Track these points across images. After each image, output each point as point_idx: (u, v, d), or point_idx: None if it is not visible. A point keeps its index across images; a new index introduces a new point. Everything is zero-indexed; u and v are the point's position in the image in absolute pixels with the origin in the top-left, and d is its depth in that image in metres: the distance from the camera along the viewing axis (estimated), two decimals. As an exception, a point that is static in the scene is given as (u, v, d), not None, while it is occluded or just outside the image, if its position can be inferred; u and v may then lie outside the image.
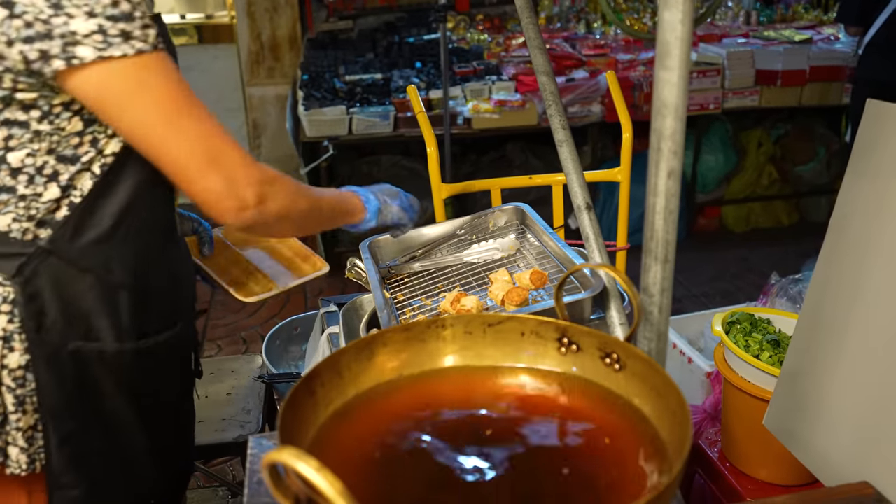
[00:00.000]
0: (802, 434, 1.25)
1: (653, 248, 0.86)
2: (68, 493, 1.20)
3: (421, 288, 1.44)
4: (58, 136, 1.08)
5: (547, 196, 2.35)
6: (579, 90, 4.23)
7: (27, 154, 1.08)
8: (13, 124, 1.06)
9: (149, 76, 1.01)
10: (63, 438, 1.17)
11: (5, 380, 1.13)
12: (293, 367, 2.13)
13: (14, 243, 1.10)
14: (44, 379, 1.13)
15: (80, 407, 1.17)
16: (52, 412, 1.15)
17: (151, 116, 1.02)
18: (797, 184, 4.88)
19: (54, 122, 1.07)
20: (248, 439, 1.15)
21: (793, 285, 2.51)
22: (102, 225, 1.14)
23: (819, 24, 5.27)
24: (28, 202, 1.09)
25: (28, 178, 1.09)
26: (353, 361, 0.90)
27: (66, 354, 1.14)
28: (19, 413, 1.14)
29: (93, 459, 1.21)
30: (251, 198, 1.10)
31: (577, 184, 1.27)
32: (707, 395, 2.45)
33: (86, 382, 1.17)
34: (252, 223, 1.14)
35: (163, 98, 1.03)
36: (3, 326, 1.12)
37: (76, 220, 1.12)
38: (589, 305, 1.19)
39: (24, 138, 1.07)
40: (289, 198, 1.18)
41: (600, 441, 0.82)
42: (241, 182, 1.09)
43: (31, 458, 1.17)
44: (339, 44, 5.36)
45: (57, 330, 1.13)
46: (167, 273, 1.26)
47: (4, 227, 1.10)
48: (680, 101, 0.80)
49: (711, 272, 4.30)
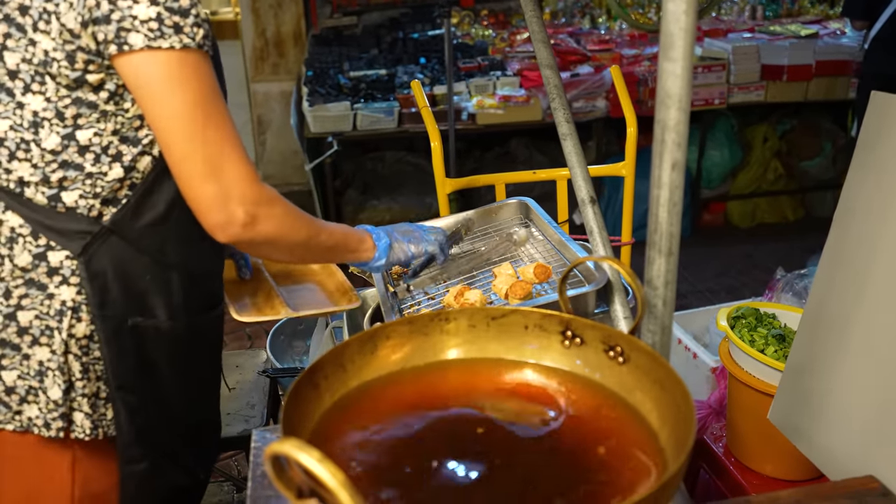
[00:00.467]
0: (807, 428, 1.25)
1: (657, 240, 0.86)
2: (135, 466, 1.24)
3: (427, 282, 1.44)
4: (122, 118, 1.14)
5: (551, 192, 2.35)
6: (584, 85, 4.22)
7: (94, 133, 1.13)
8: (83, 104, 1.11)
9: (184, 72, 1.05)
10: (132, 411, 1.22)
11: (72, 348, 1.19)
12: (297, 361, 2.14)
13: (81, 219, 1.16)
14: (109, 351, 1.19)
15: (142, 381, 1.23)
16: (117, 384, 1.20)
17: (175, 111, 1.05)
18: (803, 179, 4.86)
19: (119, 103, 1.12)
20: (252, 432, 1.15)
21: (798, 280, 2.50)
22: (158, 208, 1.19)
23: (825, 19, 5.25)
24: (94, 180, 1.15)
25: (95, 157, 1.14)
26: (357, 354, 0.90)
27: (126, 329, 1.20)
28: (84, 380, 1.20)
29: (156, 434, 1.26)
30: (241, 216, 1.11)
31: (581, 177, 1.26)
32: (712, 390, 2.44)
33: (145, 357, 1.23)
34: (237, 241, 1.14)
35: (190, 97, 1.05)
36: (73, 297, 1.18)
37: (136, 202, 1.18)
38: (593, 299, 1.19)
39: (92, 118, 1.12)
40: (285, 225, 1.18)
41: (603, 434, 0.82)
42: (235, 198, 1.10)
43: (95, 425, 1.22)
44: (343, 40, 5.35)
45: (118, 306, 1.19)
46: (209, 258, 1.31)
47: (72, 203, 1.15)
48: (684, 92, 0.80)
49: (716, 268, 4.29)
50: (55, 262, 1.16)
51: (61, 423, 1.19)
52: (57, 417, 1.19)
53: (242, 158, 1.11)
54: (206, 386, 1.39)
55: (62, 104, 1.10)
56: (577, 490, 0.74)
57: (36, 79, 1.09)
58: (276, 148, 5.33)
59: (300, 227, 1.22)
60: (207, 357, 1.36)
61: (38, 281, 1.16)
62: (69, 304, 1.17)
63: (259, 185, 1.14)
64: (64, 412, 1.19)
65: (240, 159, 1.11)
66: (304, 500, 0.63)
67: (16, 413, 1.19)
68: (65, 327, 1.17)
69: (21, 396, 1.19)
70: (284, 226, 1.18)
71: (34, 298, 1.17)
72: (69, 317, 1.17)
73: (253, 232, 1.13)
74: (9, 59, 1.09)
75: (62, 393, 1.18)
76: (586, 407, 0.87)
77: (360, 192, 4.54)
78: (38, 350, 1.17)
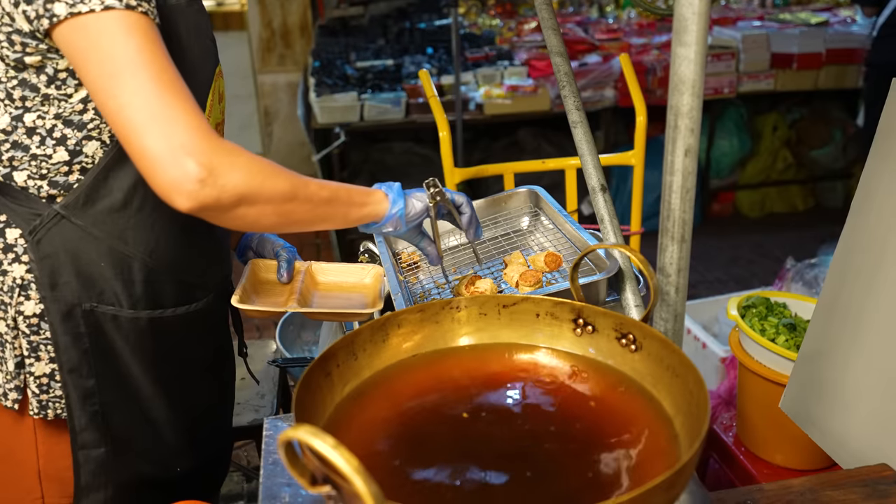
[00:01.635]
0: (819, 417, 1.24)
1: (669, 227, 0.85)
2: (93, 451, 1.23)
3: (436, 270, 1.43)
4: (65, 103, 1.11)
5: (559, 182, 2.34)
6: (592, 75, 4.20)
7: (38, 116, 1.12)
8: (27, 86, 1.10)
9: (108, 30, 0.98)
10: (83, 395, 1.20)
11: (21, 325, 1.19)
12: (307, 352, 2.14)
13: (33, 200, 1.15)
14: (59, 332, 1.18)
15: (99, 366, 1.21)
16: (69, 367, 1.19)
17: (104, 69, 0.98)
18: (813, 168, 4.84)
19: (61, 87, 1.10)
20: (264, 420, 1.15)
21: (808, 270, 2.49)
22: (114, 196, 1.16)
23: (835, 7, 5.21)
24: (39, 162, 1.14)
25: (40, 139, 1.13)
26: (368, 342, 0.90)
27: (80, 312, 1.18)
28: (33, 359, 1.20)
29: (116, 419, 1.24)
30: (193, 169, 0.94)
31: (592, 165, 1.26)
32: (721, 380, 2.44)
33: (101, 342, 1.21)
34: (202, 204, 0.96)
35: (118, 53, 0.98)
36: (22, 275, 1.17)
37: (88, 188, 1.15)
38: (604, 287, 1.18)
39: (36, 101, 1.11)
40: (255, 174, 1.00)
41: (617, 422, 0.81)
42: (183, 149, 0.94)
43: (42, 405, 1.22)
44: (350, 30, 5.34)
45: (71, 289, 1.17)
46: (188, 250, 1.27)
47: (22, 183, 1.15)
48: (697, 77, 0.79)
49: (726, 258, 4.27)
50: (10, 240, 1.17)
51: (17, 395, 1.20)
52: (13, 389, 1.20)
53: (190, 107, 0.97)
54: (186, 381, 1.33)
55: (10, 85, 1.10)
56: (592, 478, 0.73)
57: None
58: (284, 139, 5.33)
59: (277, 176, 1.03)
60: (183, 353, 1.30)
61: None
62: (19, 281, 1.17)
63: (213, 136, 0.98)
64: (18, 385, 1.20)
65: (188, 109, 0.97)
66: (317, 487, 0.63)
67: None
68: (13, 304, 1.18)
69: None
70: (255, 175, 1.00)
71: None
72: (17, 293, 1.17)
73: (216, 188, 0.96)
74: None
75: (14, 367, 1.20)
76: (599, 395, 0.86)
77: (367, 182, 4.51)
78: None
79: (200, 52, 1.21)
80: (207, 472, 1.45)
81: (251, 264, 1.44)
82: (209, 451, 1.42)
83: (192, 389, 1.34)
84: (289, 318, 2.15)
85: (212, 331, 1.37)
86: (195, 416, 1.36)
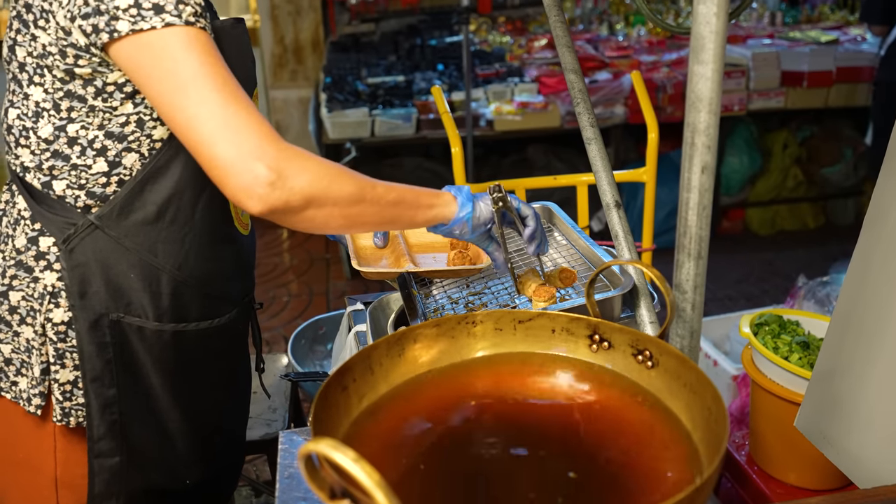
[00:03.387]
0: (835, 435, 1.23)
1: (686, 243, 0.86)
2: (108, 460, 1.24)
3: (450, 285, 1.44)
4: (109, 114, 1.14)
5: (569, 198, 2.34)
6: (602, 91, 4.21)
7: (82, 126, 1.14)
8: (74, 97, 1.12)
9: (170, 46, 1.01)
10: (104, 404, 1.22)
11: (48, 332, 1.21)
12: (319, 366, 2.14)
13: (69, 209, 1.18)
14: (85, 341, 1.19)
15: (121, 376, 1.22)
16: (92, 375, 1.20)
17: (169, 84, 1.01)
18: (823, 186, 4.82)
19: (107, 100, 1.13)
20: (279, 434, 1.15)
21: (820, 288, 2.48)
22: (147, 209, 1.18)
23: (845, 25, 5.21)
24: (79, 172, 1.16)
25: (81, 149, 1.15)
26: (385, 357, 0.90)
27: (106, 322, 1.20)
28: (58, 366, 1.21)
29: (134, 429, 1.25)
30: (264, 173, 0.97)
31: (606, 181, 1.26)
32: (733, 398, 2.43)
33: (125, 353, 1.22)
34: (271, 206, 1.00)
35: (181, 68, 1.01)
36: (53, 283, 1.20)
37: (123, 199, 1.17)
38: (619, 303, 1.18)
39: (82, 112, 1.14)
40: (323, 176, 1.02)
41: (633, 439, 0.81)
42: (253, 154, 0.98)
43: (65, 412, 1.23)
44: (361, 46, 5.38)
45: (99, 299, 1.19)
46: (215, 266, 1.28)
47: (61, 192, 1.18)
48: (714, 95, 0.80)
49: (736, 275, 4.26)
50: (44, 248, 1.19)
51: (40, 402, 1.22)
52: (37, 395, 1.22)
53: (257, 117, 1.01)
54: (203, 395, 1.34)
55: (58, 96, 1.13)
56: (609, 495, 0.73)
57: (38, 71, 1.12)
58: (295, 154, 5.35)
59: (344, 179, 1.04)
60: (202, 367, 1.32)
61: (27, 263, 1.20)
62: (49, 288, 1.19)
63: (280, 141, 1.01)
64: (42, 391, 1.22)
65: (253, 117, 1.01)
66: (336, 501, 0.63)
67: (12, 383, 1.24)
68: (43, 310, 1.20)
69: (17, 368, 1.24)
70: (322, 177, 1.02)
71: (22, 280, 1.20)
72: (47, 301, 1.19)
73: (285, 190, 0.99)
74: (19, 53, 1.14)
75: (40, 373, 1.21)
76: (615, 412, 0.86)
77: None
78: (24, 329, 1.22)
79: (243, 73, 1.23)
80: (217, 485, 1.45)
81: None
82: (221, 464, 1.42)
83: (208, 403, 1.35)
84: (301, 332, 2.15)
85: (231, 346, 1.38)
86: (210, 430, 1.36)
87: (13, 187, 1.23)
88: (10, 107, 1.18)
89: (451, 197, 1.19)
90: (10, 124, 1.18)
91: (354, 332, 1.56)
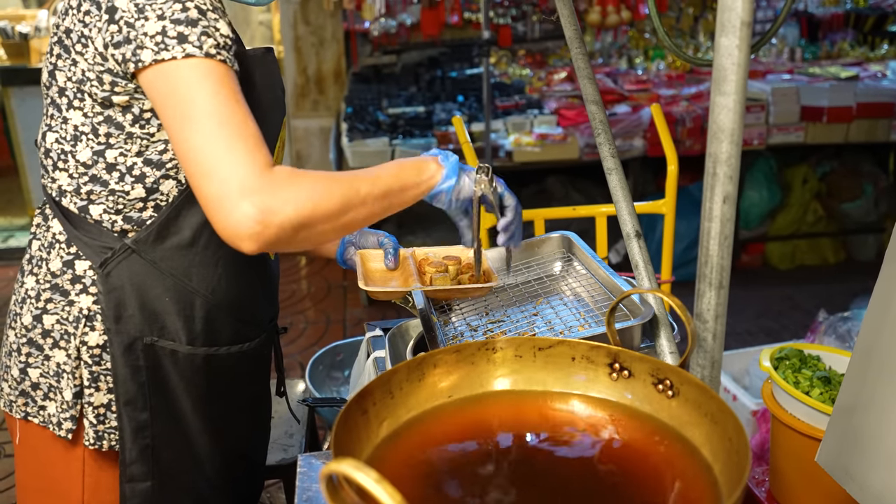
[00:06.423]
0: (858, 471, 1.22)
1: (707, 273, 0.86)
2: (139, 485, 1.24)
3: (468, 312, 1.44)
4: (147, 141, 1.16)
5: (588, 230, 2.35)
6: (622, 124, 4.24)
7: (120, 153, 1.16)
8: (112, 123, 1.14)
9: (186, 77, 1.02)
10: (137, 427, 1.22)
11: (84, 355, 1.21)
12: (336, 392, 2.14)
13: (105, 234, 1.19)
14: (119, 364, 1.20)
15: (153, 399, 1.23)
16: (126, 398, 1.21)
17: (178, 112, 1.02)
18: (844, 221, 4.79)
19: (144, 127, 1.15)
20: (298, 458, 1.15)
21: (841, 323, 2.45)
22: (183, 233, 1.20)
23: (865, 61, 5.22)
24: (117, 197, 1.18)
25: (119, 176, 1.17)
26: (405, 381, 0.90)
27: (140, 346, 1.21)
28: (92, 389, 1.22)
29: (164, 454, 1.26)
30: (249, 210, 0.96)
31: (627, 212, 1.27)
32: (753, 433, 2.40)
33: (158, 376, 1.23)
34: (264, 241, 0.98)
35: (192, 99, 1.01)
36: (88, 306, 1.21)
37: (160, 224, 1.19)
38: (639, 333, 1.18)
39: (120, 138, 1.15)
40: (306, 200, 1.00)
41: (654, 469, 0.81)
42: (236, 192, 0.96)
43: (99, 435, 1.24)
44: (382, 77, 5.45)
45: (134, 322, 1.20)
46: (247, 290, 1.30)
47: (97, 217, 1.19)
48: (736, 126, 0.80)
49: (755, 309, 4.22)
50: (80, 271, 1.20)
51: (71, 425, 1.22)
52: (68, 419, 1.22)
53: (247, 150, 0.99)
54: (231, 419, 1.35)
55: (96, 121, 1.15)
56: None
57: (77, 95, 1.14)
58: (314, 182, 5.40)
59: (328, 194, 1.03)
60: (230, 391, 1.32)
61: (62, 287, 1.21)
62: (85, 312, 1.20)
63: (264, 173, 0.98)
64: (73, 415, 1.22)
65: (243, 151, 0.98)
66: (356, 522, 0.63)
67: (40, 408, 1.25)
68: (78, 334, 1.20)
69: (44, 392, 1.24)
70: (306, 202, 1.00)
71: (57, 303, 1.21)
72: (83, 324, 1.20)
73: (272, 226, 0.97)
74: (59, 77, 1.16)
75: (73, 396, 1.22)
76: (635, 441, 0.86)
77: (396, 226, 4.58)
78: (57, 353, 1.22)
79: (272, 102, 1.25)
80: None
81: (359, 255, 1.48)
82: (243, 488, 1.42)
83: (235, 428, 1.36)
84: (318, 359, 2.16)
85: (258, 370, 1.39)
86: (236, 455, 1.37)
87: (47, 211, 1.24)
88: (49, 131, 1.19)
89: (436, 166, 1.19)
90: (49, 148, 1.19)
91: (373, 357, 1.57)
